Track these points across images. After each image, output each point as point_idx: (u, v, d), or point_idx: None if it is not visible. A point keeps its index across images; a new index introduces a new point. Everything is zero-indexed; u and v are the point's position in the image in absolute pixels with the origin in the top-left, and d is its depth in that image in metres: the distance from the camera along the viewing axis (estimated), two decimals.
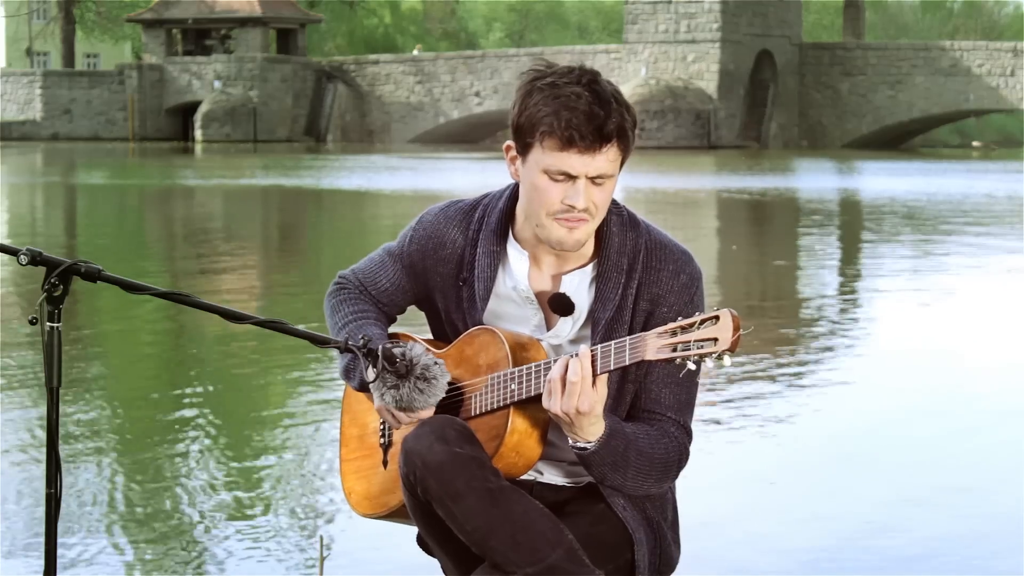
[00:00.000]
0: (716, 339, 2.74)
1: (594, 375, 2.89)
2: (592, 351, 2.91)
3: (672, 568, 3.17)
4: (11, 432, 7.14)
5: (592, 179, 2.95)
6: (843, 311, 12.73)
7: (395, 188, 31.18)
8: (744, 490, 6.25)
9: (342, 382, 3.27)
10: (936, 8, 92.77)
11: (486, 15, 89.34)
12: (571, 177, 2.95)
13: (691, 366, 2.78)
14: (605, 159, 2.93)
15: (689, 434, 3.10)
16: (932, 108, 61.81)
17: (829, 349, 10.40)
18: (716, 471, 6.38)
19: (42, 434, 6.97)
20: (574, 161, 2.93)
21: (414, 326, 3.42)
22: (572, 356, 2.92)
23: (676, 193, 29.96)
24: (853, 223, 23.74)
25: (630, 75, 61.39)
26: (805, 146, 61.48)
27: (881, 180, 36.41)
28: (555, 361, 2.93)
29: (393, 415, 3.07)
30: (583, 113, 2.90)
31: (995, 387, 8.87)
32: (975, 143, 71.87)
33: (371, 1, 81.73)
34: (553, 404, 2.91)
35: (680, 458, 3.07)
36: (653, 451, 3.02)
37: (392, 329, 3.33)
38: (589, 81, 2.94)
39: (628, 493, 3.07)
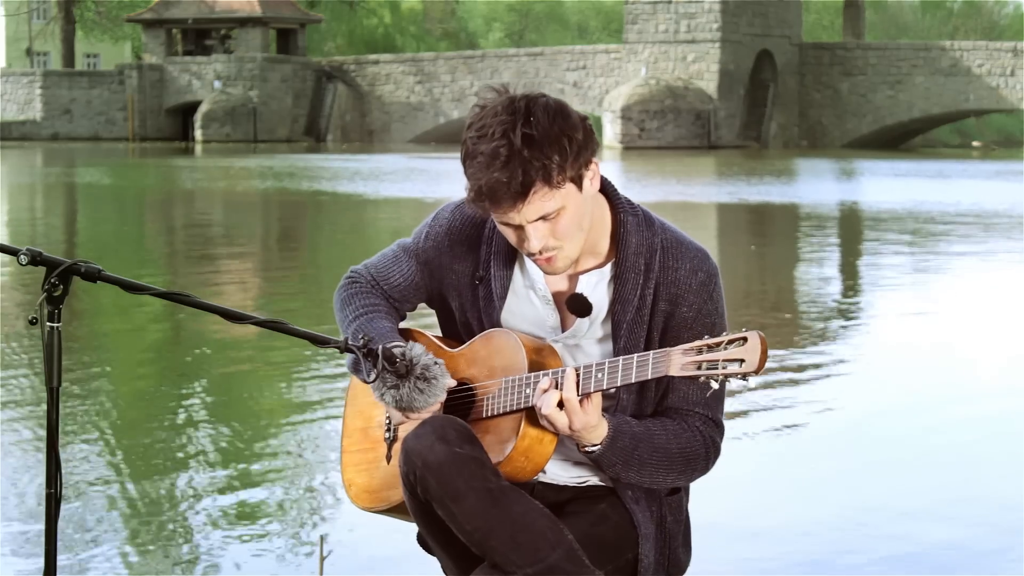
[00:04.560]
0: (743, 360, 2.74)
1: (586, 394, 2.90)
2: (576, 370, 2.92)
3: (682, 571, 3.17)
4: (11, 432, 7.14)
5: (539, 219, 2.93)
6: (845, 313, 12.73)
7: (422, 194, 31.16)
8: (744, 490, 6.25)
9: (342, 382, 3.28)
10: (936, 8, 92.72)
11: (486, 15, 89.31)
12: (517, 225, 2.94)
13: (714, 385, 2.78)
14: (535, 204, 2.89)
15: (718, 426, 3.09)
16: (932, 108, 61.78)
17: (833, 350, 10.40)
18: (716, 471, 6.37)
19: (42, 434, 6.97)
20: (505, 216, 2.93)
21: (426, 325, 3.42)
22: (552, 378, 2.92)
23: (678, 199, 29.94)
24: (855, 226, 23.73)
25: (630, 75, 61.37)
26: (805, 146, 61.47)
27: (884, 182, 36.38)
28: (564, 372, 2.93)
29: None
30: (490, 181, 2.86)
31: (996, 387, 8.88)
32: (975, 143, 71.83)
33: (371, 1, 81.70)
34: (546, 426, 2.95)
35: (707, 451, 3.06)
36: (671, 445, 3.02)
37: (404, 325, 3.32)
38: (505, 131, 2.87)
39: (655, 488, 3.07)
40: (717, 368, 2.76)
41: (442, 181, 33.43)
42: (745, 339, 2.75)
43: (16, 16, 77.76)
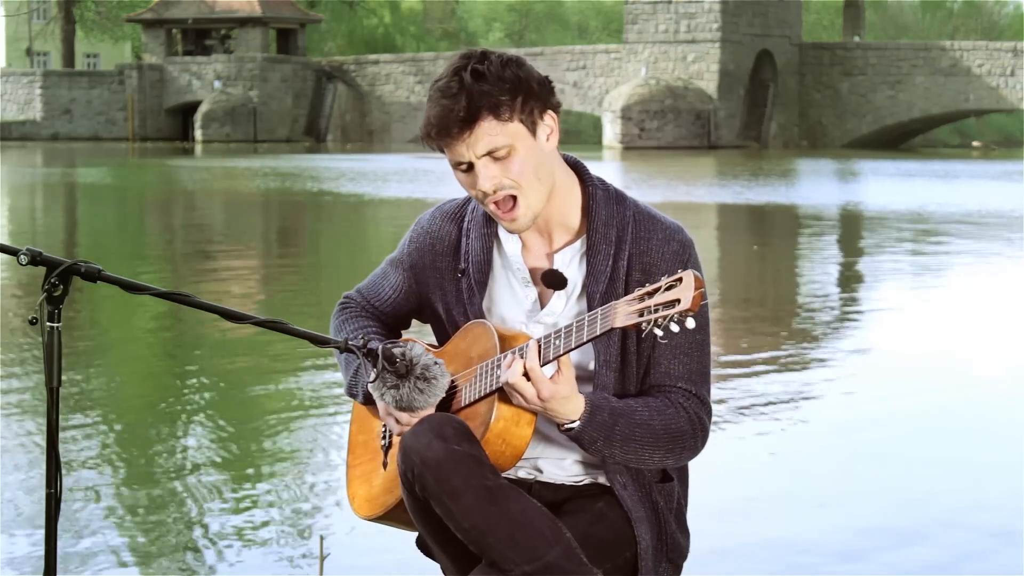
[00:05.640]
0: (679, 300, 2.75)
1: (555, 359, 2.91)
2: (538, 341, 2.93)
3: (683, 556, 3.16)
4: (11, 432, 7.15)
5: (486, 156, 2.98)
6: (846, 314, 12.73)
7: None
8: (742, 489, 6.25)
9: (342, 382, 3.29)
10: (936, 8, 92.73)
11: (486, 15, 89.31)
12: (469, 164, 2.99)
13: (657, 332, 2.78)
14: (483, 138, 2.96)
15: (704, 403, 3.07)
16: (932, 108, 61.80)
17: (834, 349, 10.40)
18: (714, 469, 6.38)
19: (42, 434, 6.97)
20: (455, 151, 2.99)
21: (419, 332, 3.43)
22: (518, 352, 2.93)
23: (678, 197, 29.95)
24: (856, 228, 23.74)
25: (630, 75, 61.37)
26: (805, 146, 61.48)
27: (885, 183, 36.37)
28: (526, 345, 2.95)
29: (395, 419, 3.08)
30: (439, 110, 2.97)
31: (996, 388, 8.88)
32: (975, 143, 71.85)
33: (371, 1, 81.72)
34: (517, 401, 2.95)
35: (693, 428, 3.04)
36: (654, 422, 3.00)
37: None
38: (457, 69, 2.99)
39: (644, 468, 3.06)
40: (656, 312, 2.77)
41: (448, 181, 33.45)
42: (680, 279, 2.77)
43: (16, 16, 77.77)
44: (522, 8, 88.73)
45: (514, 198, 3.01)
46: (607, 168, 40.88)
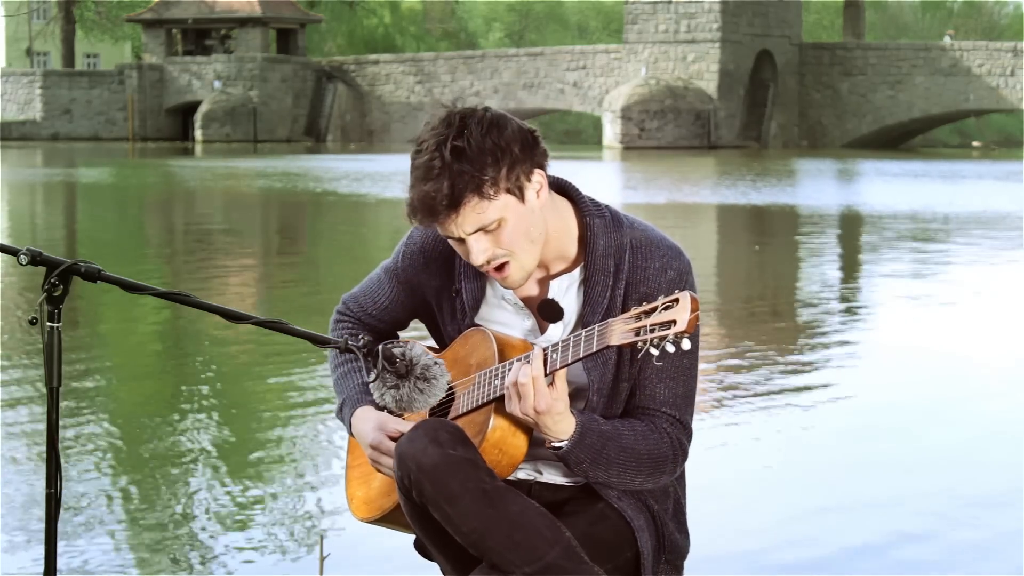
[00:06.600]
0: (675, 321, 2.76)
1: (550, 373, 2.90)
2: (544, 350, 2.92)
3: (682, 557, 3.17)
4: (11, 432, 7.15)
5: (476, 232, 2.94)
6: (846, 312, 12.73)
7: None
8: (745, 488, 6.25)
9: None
10: (936, 8, 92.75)
11: (486, 15, 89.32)
12: (460, 238, 2.96)
13: (653, 351, 2.78)
14: (470, 216, 2.92)
15: (686, 429, 3.07)
16: (932, 108, 61.80)
17: (832, 349, 10.41)
18: (716, 469, 6.39)
19: (42, 434, 6.97)
20: (444, 229, 2.96)
21: (416, 333, 3.43)
22: (525, 359, 2.93)
23: (678, 197, 29.92)
24: (857, 229, 23.74)
25: (630, 75, 61.37)
26: (805, 146, 61.48)
27: (886, 183, 36.37)
28: (532, 353, 2.94)
29: (377, 461, 3.09)
30: (420, 194, 2.90)
31: (998, 387, 8.88)
32: (975, 143, 71.85)
33: (371, 1, 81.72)
34: (513, 407, 2.93)
35: (674, 454, 3.05)
36: (639, 446, 3.01)
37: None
38: (438, 144, 2.90)
39: (621, 489, 3.07)
40: (652, 332, 2.76)
41: None
42: (677, 300, 2.77)
43: (16, 16, 77.77)
44: (522, 8, 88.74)
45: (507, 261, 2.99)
46: (607, 168, 40.87)
